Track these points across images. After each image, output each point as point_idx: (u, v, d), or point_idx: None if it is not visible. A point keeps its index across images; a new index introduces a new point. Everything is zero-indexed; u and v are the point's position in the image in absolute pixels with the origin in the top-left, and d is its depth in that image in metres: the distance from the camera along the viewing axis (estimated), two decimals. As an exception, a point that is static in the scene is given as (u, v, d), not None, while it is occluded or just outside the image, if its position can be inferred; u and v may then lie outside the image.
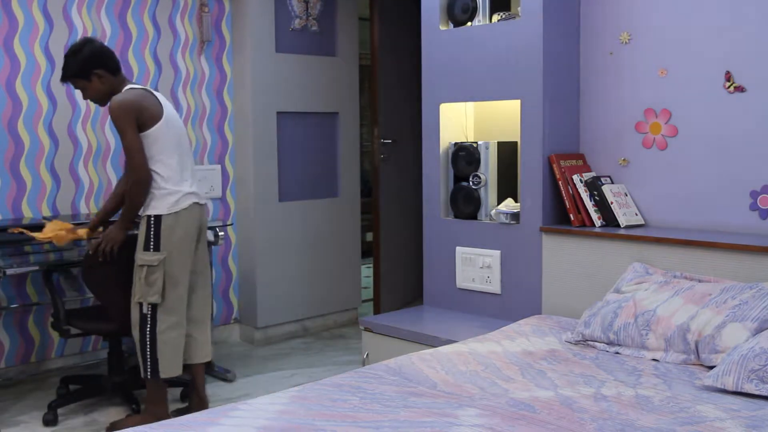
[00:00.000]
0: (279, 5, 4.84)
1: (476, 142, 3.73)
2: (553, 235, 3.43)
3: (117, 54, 4.34)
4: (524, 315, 3.42)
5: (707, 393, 2.33)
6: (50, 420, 3.51)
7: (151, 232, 3.27)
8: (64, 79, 3.39)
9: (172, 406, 3.75)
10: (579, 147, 3.60)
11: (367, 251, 6.05)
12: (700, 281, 2.90)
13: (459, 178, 3.82)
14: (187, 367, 3.46)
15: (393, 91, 5.25)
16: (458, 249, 3.76)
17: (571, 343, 2.91)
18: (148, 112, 3.26)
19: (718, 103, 3.16)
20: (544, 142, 3.44)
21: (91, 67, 3.31)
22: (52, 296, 3.59)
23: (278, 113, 4.88)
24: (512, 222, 3.55)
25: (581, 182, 3.42)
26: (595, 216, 3.38)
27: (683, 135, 3.27)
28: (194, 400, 3.50)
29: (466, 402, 2.27)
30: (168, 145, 3.29)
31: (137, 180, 3.23)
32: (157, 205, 3.28)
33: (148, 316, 3.29)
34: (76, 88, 3.41)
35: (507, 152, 3.73)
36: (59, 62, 4.17)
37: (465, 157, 3.76)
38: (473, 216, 3.74)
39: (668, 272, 3.03)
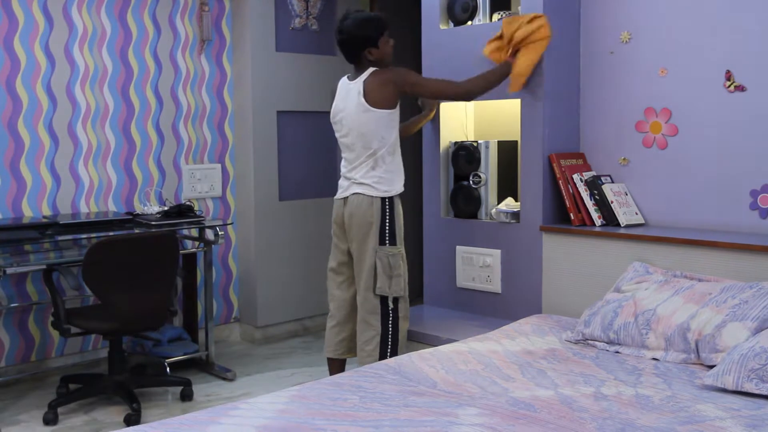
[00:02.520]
0: (279, 4, 4.84)
1: (476, 142, 3.73)
2: (553, 235, 3.43)
3: (117, 53, 4.37)
4: (524, 314, 3.42)
5: (707, 392, 2.33)
6: (50, 419, 3.51)
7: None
8: None
9: (173, 406, 3.75)
10: (579, 146, 3.60)
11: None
12: (700, 281, 2.90)
13: (459, 177, 3.82)
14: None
15: (393, 90, 5.24)
16: (458, 248, 3.76)
17: (571, 342, 2.91)
18: None
19: (718, 102, 3.16)
20: (544, 142, 3.44)
21: None
22: (52, 295, 3.59)
23: (278, 112, 4.88)
24: (512, 221, 3.55)
25: (581, 181, 3.42)
26: (595, 215, 3.38)
27: (683, 134, 3.27)
28: None
29: (466, 401, 2.27)
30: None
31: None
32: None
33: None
34: None
35: (507, 151, 3.73)
36: (59, 61, 4.18)
37: (465, 156, 3.76)
38: (473, 215, 3.74)
39: (668, 271, 3.03)
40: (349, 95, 3.30)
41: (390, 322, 3.27)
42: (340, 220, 3.38)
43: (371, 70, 3.28)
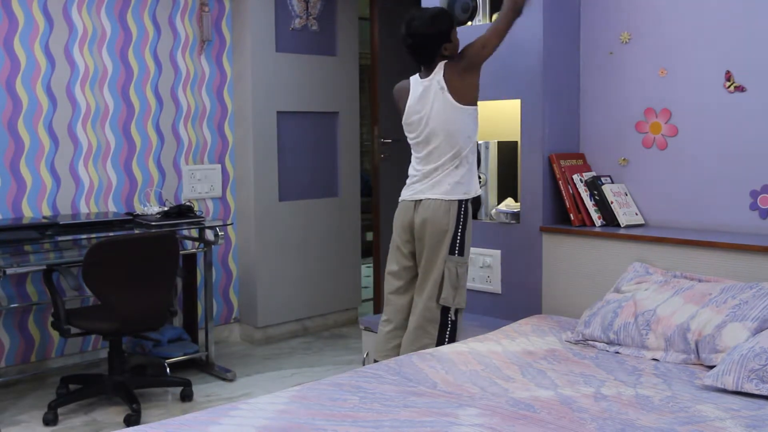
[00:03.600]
0: (279, 5, 4.84)
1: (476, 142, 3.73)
2: (553, 235, 3.43)
3: (117, 53, 4.37)
4: (524, 315, 3.42)
5: (707, 393, 2.33)
6: (50, 419, 3.51)
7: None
8: None
9: (173, 406, 3.75)
10: (579, 146, 3.60)
11: (367, 251, 6.05)
12: (700, 281, 2.90)
13: (459, 177, 3.81)
14: None
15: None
16: (458, 249, 3.76)
17: (571, 342, 2.91)
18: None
19: (718, 102, 3.16)
20: (544, 142, 3.44)
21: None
22: (52, 296, 3.59)
23: (278, 113, 4.88)
24: (512, 222, 3.55)
25: (581, 182, 3.42)
26: (595, 216, 3.38)
27: (683, 135, 3.27)
28: None
29: (466, 401, 2.27)
30: None
31: None
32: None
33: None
34: None
35: (507, 152, 3.73)
36: (59, 62, 4.18)
37: (465, 156, 3.75)
38: (473, 216, 3.73)
39: (668, 272, 3.03)
40: (427, 94, 3.14)
41: (448, 333, 3.15)
42: (408, 224, 3.21)
43: (442, 63, 3.12)
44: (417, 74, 3.25)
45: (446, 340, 3.15)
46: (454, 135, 3.10)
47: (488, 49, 3.11)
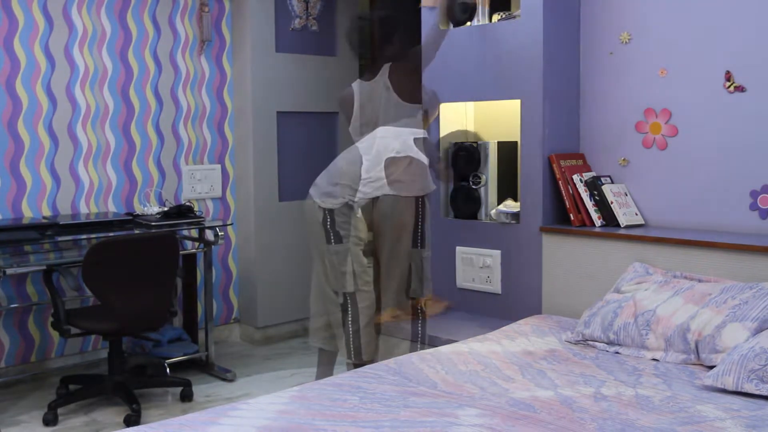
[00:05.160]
0: (279, 5, 4.84)
1: (476, 142, 3.73)
2: (553, 235, 3.43)
3: (117, 54, 4.37)
4: (524, 315, 3.42)
5: (707, 393, 2.33)
6: (50, 420, 3.51)
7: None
8: None
9: (173, 406, 3.75)
10: (579, 147, 3.60)
11: (367, 251, 6.03)
12: (700, 281, 2.90)
13: (459, 177, 3.82)
14: None
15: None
16: (458, 249, 3.76)
17: (571, 342, 2.91)
18: None
19: (718, 103, 3.16)
20: (544, 142, 3.44)
21: None
22: (51, 296, 3.59)
23: (278, 113, 4.88)
24: (512, 222, 3.55)
25: (581, 182, 3.42)
26: (595, 216, 3.38)
27: (683, 135, 3.27)
28: None
29: (466, 402, 2.27)
30: None
31: None
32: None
33: None
34: None
35: (507, 152, 3.73)
36: (59, 62, 4.18)
37: (465, 157, 3.76)
38: (473, 216, 3.74)
39: (668, 272, 3.03)
40: (373, 95, 3.22)
41: (419, 324, 3.22)
42: (368, 221, 3.30)
43: (388, 65, 3.21)
44: (358, 79, 3.33)
45: (420, 331, 3.21)
46: (400, 133, 3.18)
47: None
